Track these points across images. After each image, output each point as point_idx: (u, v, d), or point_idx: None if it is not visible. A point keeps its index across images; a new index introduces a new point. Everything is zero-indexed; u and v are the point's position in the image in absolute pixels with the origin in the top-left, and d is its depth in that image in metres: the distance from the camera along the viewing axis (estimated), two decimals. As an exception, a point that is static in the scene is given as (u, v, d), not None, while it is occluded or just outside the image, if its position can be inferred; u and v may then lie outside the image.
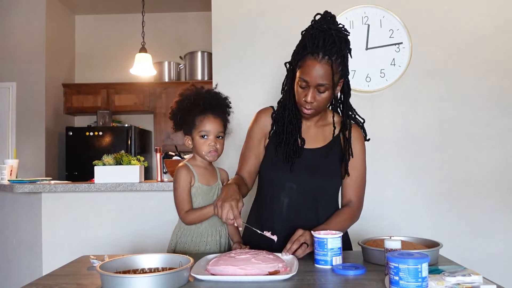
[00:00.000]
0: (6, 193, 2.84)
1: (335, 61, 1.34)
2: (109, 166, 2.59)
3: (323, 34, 1.34)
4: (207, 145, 1.48)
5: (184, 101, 1.49)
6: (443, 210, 2.55)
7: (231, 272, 1.07)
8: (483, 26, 2.58)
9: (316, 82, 1.35)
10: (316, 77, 1.34)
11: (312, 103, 1.39)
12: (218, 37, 2.64)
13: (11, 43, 4.92)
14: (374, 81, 2.58)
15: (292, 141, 1.47)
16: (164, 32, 5.51)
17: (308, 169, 1.46)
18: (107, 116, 5.18)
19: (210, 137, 1.48)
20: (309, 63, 1.34)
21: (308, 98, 1.37)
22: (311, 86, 1.36)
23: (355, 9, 2.59)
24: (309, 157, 1.47)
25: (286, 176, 1.46)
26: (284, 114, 1.49)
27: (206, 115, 1.48)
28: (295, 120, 1.49)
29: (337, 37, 1.34)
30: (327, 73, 1.33)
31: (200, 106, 1.48)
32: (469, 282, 0.96)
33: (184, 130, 1.53)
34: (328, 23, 1.36)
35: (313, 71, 1.34)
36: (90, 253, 1.57)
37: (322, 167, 1.46)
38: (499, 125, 2.56)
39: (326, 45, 1.32)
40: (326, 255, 1.19)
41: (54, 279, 1.13)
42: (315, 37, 1.34)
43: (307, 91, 1.38)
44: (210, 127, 1.48)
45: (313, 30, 1.36)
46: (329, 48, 1.32)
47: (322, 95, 1.38)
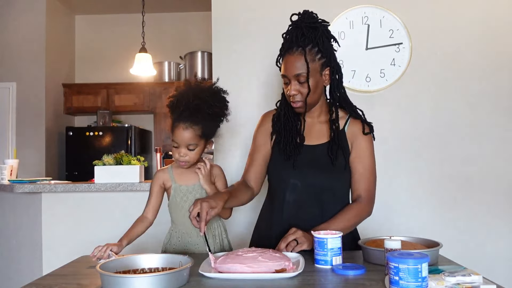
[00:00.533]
0: (6, 193, 2.84)
1: (309, 50, 1.39)
2: (109, 166, 2.59)
3: (295, 30, 1.42)
4: (176, 154, 1.47)
5: (172, 101, 1.47)
6: (443, 210, 2.55)
7: (239, 270, 1.08)
8: (483, 26, 2.58)
9: (293, 73, 1.41)
10: (291, 69, 1.41)
11: (295, 95, 1.43)
12: (218, 37, 2.64)
13: (11, 43, 4.92)
14: (374, 81, 2.58)
15: (290, 139, 1.49)
16: (164, 32, 5.51)
17: (311, 165, 1.47)
18: (107, 116, 5.18)
19: (180, 147, 1.45)
20: (285, 59, 1.43)
21: (291, 92, 1.42)
22: (291, 79, 1.42)
23: (355, 9, 2.59)
24: (312, 154, 1.49)
25: (290, 173, 1.47)
26: (281, 114, 1.54)
27: (177, 125, 1.43)
28: (292, 118, 1.51)
29: (306, 28, 1.40)
30: (300, 61, 1.39)
31: (177, 112, 1.43)
32: (469, 282, 0.97)
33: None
34: (302, 19, 1.43)
35: (288, 65, 1.42)
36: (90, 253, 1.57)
37: (326, 163, 1.46)
38: (499, 124, 2.55)
39: (298, 38, 1.40)
40: (326, 255, 1.19)
41: (54, 279, 1.13)
42: (288, 34, 1.44)
43: (289, 85, 1.43)
44: (179, 138, 1.44)
45: (288, 29, 1.46)
46: (301, 40, 1.40)
47: (304, 85, 1.42)
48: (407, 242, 1.32)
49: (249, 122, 2.57)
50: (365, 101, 2.59)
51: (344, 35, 2.60)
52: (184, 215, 1.50)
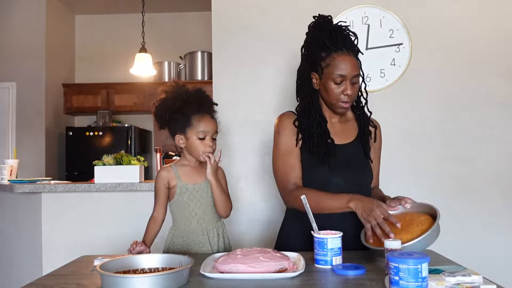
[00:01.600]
0: (6, 193, 2.84)
1: (356, 53, 1.48)
2: (109, 166, 2.59)
3: (340, 32, 1.47)
4: (204, 146, 1.47)
5: (175, 99, 1.47)
6: (442, 209, 2.54)
7: (241, 270, 1.08)
8: (483, 25, 2.58)
9: (353, 73, 1.44)
10: (352, 69, 1.44)
11: (351, 96, 1.46)
12: (218, 37, 2.64)
13: (11, 43, 4.92)
14: (374, 81, 2.58)
15: (323, 143, 1.49)
16: (164, 32, 5.51)
17: (347, 164, 1.50)
18: (107, 116, 5.18)
19: (207, 138, 1.48)
20: (340, 58, 1.44)
21: (349, 91, 1.45)
22: (348, 79, 1.45)
23: (355, 9, 2.59)
24: (343, 153, 1.51)
25: (330, 174, 1.47)
26: (309, 120, 1.50)
27: (203, 115, 1.48)
28: (322, 122, 1.52)
29: (352, 32, 1.49)
30: (357, 64, 1.47)
31: (195, 105, 1.47)
32: (469, 282, 0.97)
33: (175, 128, 1.50)
34: (331, 22, 1.51)
35: (348, 64, 1.44)
36: (90, 253, 1.57)
37: (357, 160, 1.54)
38: (499, 125, 2.56)
39: (346, 40, 1.46)
40: (326, 255, 1.19)
41: (54, 279, 1.13)
42: (332, 35, 1.44)
43: (344, 85, 1.45)
44: (209, 127, 1.48)
45: (328, 31, 1.46)
46: (349, 43, 1.46)
47: (355, 86, 1.48)
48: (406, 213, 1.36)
49: (248, 121, 2.57)
50: (365, 101, 2.59)
51: (344, 35, 2.60)
52: (191, 214, 1.50)
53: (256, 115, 2.55)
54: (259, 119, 2.52)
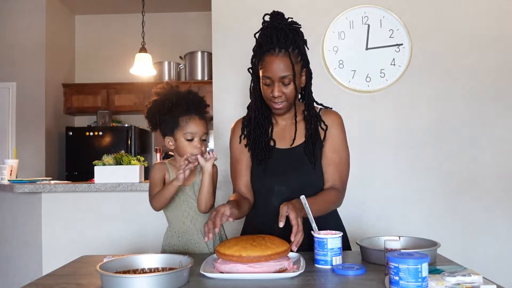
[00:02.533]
0: (6, 193, 2.84)
1: (292, 52, 1.39)
2: (109, 166, 2.59)
3: (275, 30, 1.40)
4: (192, 147, 1.46)
5: (164, 102, 1.47)
6: (443, 209, 2.55)
7: (240, 270, 1.08)
8: (483, 25, 2.58)
9: (278, 75, 1.39)
10: (277, 71, 1.38)
11: (280, 97, 1.41)
12: (218, 37, 2.64)
13: (11, 43, 4.92)
14: (374, 81, 2.58)
15: (261, 143, 1.48)
16: (164, 32, 5.51)
17: (292, 169, 1.46)
18: (107, 116, 5.18)
19: (195, 139, 1.47)
20: (268, 60, 1.39)
21: (275, 93, 1.40)
22: (275, 81, 1.40)
23: (355, 9, 2.59)
24: (289, 158, 1.48)
25: (274, 179, 1.46)
26: (252, 117, 1.51)
27: (191, 116, 1.47)
28: (262, 122, 1.50)
29: (288, 30, 1.40)
30: (286, 64, 1.38)
31: (184, 106, 1.46)
32: (469, 282, 0.96)
33: (165, 130, 1.51)
34: (277, 20, 1.43)
35: (273, 66, 1.38)
36: (90, 253, 1.57)
37: (305, 164, 1.46)
38: (499, 125, 2.56)
39: (280, 39, 1.38)
40: (326, 255, 1.19)
41: (54, 279, 1.13)
42: (268, 34, 1.40)
43: (272, 87, 1.41)
44: (196, 128, 1.46)
45: (265, 29, 1.42)
46: (283, 42, 1.38)
47: (289, 87, 1.41)
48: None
49: (249, 122, 2.57)
50: (365, 101, 2.59)
51: (344, 35, 2.60)
52: (183, 214, 1.51)
53: (256, 115, 2.55)
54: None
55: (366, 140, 2.60)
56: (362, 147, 2.59)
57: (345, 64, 2.58)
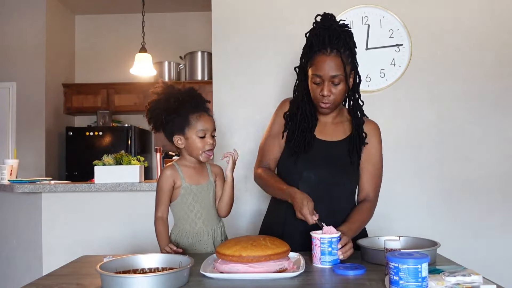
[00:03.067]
0: (6, 193, 2.84)
1: (343, 53, 1.42)
2: (109, 166, 2.59)
3: (327, 31, 1.42)
4: (205, 144, 1.47)
5: (169, 100, 1.46)
6: (442, 209, 2.55)
7: (240, 270, 1.08)
8: (483, 25, 2.58)
9: (329, 74, 1.41)
10: (328, 70, 1.40)
11: (329, 97, 1.43)
12: (218, 37, 2.64)
13: (11, 43, 4.92)
14: (374, 81, 2.58)
15: (304, 138, 1.50)
16: (164, 32, 5.51)
17: (325, 160, 1.49)
18: (107, 116, 5.18)
19: (207, 135, 1.47)
20: (319, 59, 1.42)
21: (325, 92, 1.42)
22: (325, 80, 1.42)
23: (355, 9, 2.59)
24: (326, 150, 1.50)
25: (304, 165, 1.48)
26: (297, 113, 1.53)
27: (201, 113, 1.47)
28: (308, 118, 1.51)
29: (341, 31, 1.43)
30: (338, 64, 1.41)
31: (191, 103, 1.46)
32: (469, 282, 0.97)
33: (172, 129, 1.49)
34: (329, 21, 1.45)
35: (324, 65, 1.41)
36: (90, 253, 1.57)
37: (339, 160, 1.49)
38: (499, 125, 2.55)
39: (332, 40, 1.41)
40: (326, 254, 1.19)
41: (54, 279, 1.13)
42: (320, 34, 1.42)
43: (322, 85, 1.43)
44: (208, 125, 1.47)
45: (317, 30, 1.44)
46: (335, 42, 1.41)
47: (338, 87, 1.43)
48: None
49: (248, 121, 2.57)
50: (365, 101, 2.57)
51: (347, 36, 2.60)
52: (196, 215, 1.50)
53: (256, 115, 2.55)
54: (259, 119, 2.52)
55: (366, 140, 2.59)
56: (362, 147, 2.59)
57: (345, 64, 2.59)
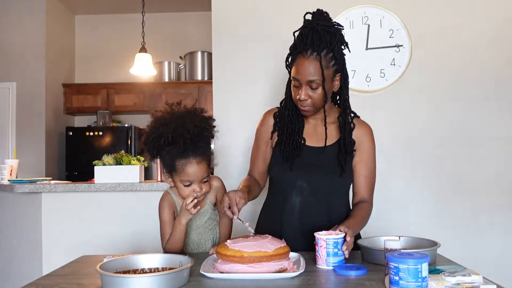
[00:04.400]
0: (6, 193, 2.84)
1: (324, 56, 1.35)
2: (109, 166, 2.59)
3: (311, 31, 1.37)
4: (190, 192, 1.34)
5: (160, 138, 1.31)
6: (443, 209, 2.55)
7: (240, 270, 1.08)
8: (483, 25, 2.58)
9: (306, 79, 1.37)
10: (305, 74, 1.36)
11: (306, 101, 1.40)
12: (218, 37, 2.64)
13: (11, 43, 4.92)
14: (374, 81, 2.58)
15: (291, 140, 1.47)
16: (164, 32, 5.51)
17: (316, 167, 1.46)
18: (107, 116, 5.18)
19: (194, 184, 1.34)
20: (298, 61, 1.37)
21: (302, 96, 1.39)
22: (303, 84, 1.38)
23: (355, 9, 2.59)
24: (315, 155, 1.48)
25: (296, 174, 1.45)
26: (285, 114, 1.51)
27: (188, 160, 1.30)
28: (295, 120, 1.49)
29: (323, 32, 1.36)
30: (316, 69, 1.35)
31: (180, 147, 1.29)
32: (469, 282, 0.96)
33: (163, 165, 1.38)
34: (317, 20, 1.39)
35: (302, 69, 1.36)
36: (90, 253, 1.57)
37: (331, 165, 1.46)
38: (499, 125, 2.55)
39: (314, 41, 1.35)
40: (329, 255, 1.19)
41: (54, 279, 1.13)
42: (303, 35, 1.38)
43: (300, 89, 1.39)
44: (194, 175, 1.32)
45: (303, 29, 1.40)
46: (317, 44, 1.35)
47: (316, 91, 1.39)
48: None
49: (249, 122, 2.56)
50: (365, 101, 2.59)
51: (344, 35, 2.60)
52: (190, 238, 1.46)
53: (256, 115, 2.54)
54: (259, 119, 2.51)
55: (366, 140, 2.59)
56: (362, 147, 2.59)
57: (345, 64, 2.58)
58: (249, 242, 1.13)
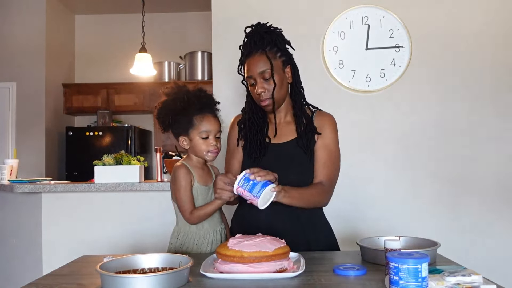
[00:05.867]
0: (6, 193, 2.84)
1: (269, 50, 1.46)
2: (109, 166, 2.59)
3: (252, 36, 1.49)
4: (208, 145, 1.47)
5: (176, 101, 1.47)
6: (443, 209, 2.55)
7: (241, 270, 1.08)
8: (483, 25, 2.58)
9: (257, 71, 1.46)
10: (255, 67, 1.46)
11: (263, 93, 1.47)
12: (218, 37, 2.64)
13: (11, 43, 4.92)
14: (374, 81, 2.58)
15: (256, 140, 1.52)
16: (164, 32, 5.51)
17: (282, 163, 1.48)
18: (107, 116, 5.18)
19: (210, 137, 1.48)
20: (248, 62, 1.49)
21: (258, 90, 1.46)
22: (256, 78, 1.46)
23: (355, 9, 2.59)
24: (281, 153, 1.51)
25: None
26: (246, 118, 1.58)
27: (205, 115, 1.47)
28: (258, 121, 1.55)
29: (263, 33, 1.47)
30: (263, 60, 1.45)
31: (196, 105, 1.46)
32: (469, 282, 0.96)
33: (178, 130, 1.50)
34: (255, 28, 1.50)
35: (251, 65, 1.47)
36: (90, 253, 1.57)
37: (295, 161, 1.49)
38: (498, 125, 2.56)
39: (257, 41, 1.47)
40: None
41: (54, 279, 1.13)
42: (247, 42, 1.50)
43: (255, 84, 1.48)
44: (211, 126, 1.47)
45: (245, 38, 1.51)
46: (259, 44, 1.46)
47: (269, 82, 1.46)
48: None
49: (249, 122, 2.57)
50: (365, 101, 2.59)
51: (344, 35, 2.60)
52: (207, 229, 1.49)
53: (256, 115, 2.55)
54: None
55: (365, 140, 2.60)
56: (362, 147, 2.59)
57: (345, 64, 2.58)
58: (249, 242, 1.13)
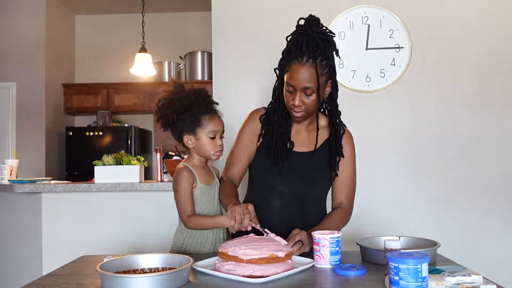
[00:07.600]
0: (6, 193, 2.84)
1: (319, 63, 1.37)
2: (109, 166, 2.59)
3: (306, 37, 1.37)
4: (215, 145, 1.48)
5: (181, 100, 1.45)
6: (443, 210, 2.55)
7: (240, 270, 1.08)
8: (483, 25, 2.58)
9: (302, 85, 1.38)
10: (301, 81, 1.37)
11: (300, 106, 1.41)
12: (218, 37, 2.64)
13: (11, 43, 4.92)
14: (374, 81, 2.58)
15: (281, 145, 1.48)
16: (164, 32, 5.51)
17: (299, 173, 1.47)
18: (107, 116, 5.18)
19: (217, 137, 1.49)
20: (294, 67, 1.38)
21: (296, 102, 1.40)
22: (298, 90, 1.39)
23: (355, 9, 2.59)
24: (299, 161, 1.49)
25: (278, 179, 1.47)
26: (274, 118, 1.51)
27: (213, 115, 1.48)
28: (284, 124, 1.50)
29: (319, 39, 1.37)
30: (312, 76, 1.36)
31: (204, 104, 1.47)
32: (469, 282, 0.96)
33: (182, 128, 1.48)
34: (311, 26, 1.39)
35: (298, 75, 1.37)
36: (90, 253, 1.57)
37: (312, 172, 1.48)
38: (498, 125, 2.56)
39: (310, 48, 1.36)
40: (325, 254, 1.19)
41: (54, 279, 1.13)
42: (298, 41, 1.38)
43: (294, 94, 1.41)
44: (219, 127, 1.49)
45: (297, 35, 1.40)
46: (313, 51, 1.35)
47: (310, 98, 1.40)
48: None
49: (249, 122, 2.57)
50: (365, 101, 2.59)
51: (344, 35, 2.60)
52: (209, 213, 1.49)
53: (256, 115, 2.55)
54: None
55: (365, 140, 2.59)
56: (362, 147, 2.58)
57: (345, 64, 2.58)
58: (250, 243, 1.13)
